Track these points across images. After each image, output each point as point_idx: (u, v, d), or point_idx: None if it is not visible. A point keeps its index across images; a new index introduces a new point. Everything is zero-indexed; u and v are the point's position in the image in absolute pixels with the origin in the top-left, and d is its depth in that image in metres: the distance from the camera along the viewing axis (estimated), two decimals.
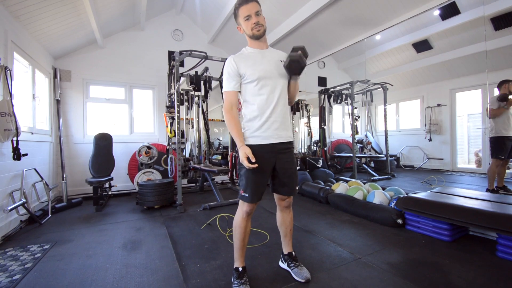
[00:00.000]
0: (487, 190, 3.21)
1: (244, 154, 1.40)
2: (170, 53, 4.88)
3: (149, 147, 4.23)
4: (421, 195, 2.49)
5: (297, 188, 1.66)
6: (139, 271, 1.76)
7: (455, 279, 1.62)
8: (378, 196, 2.96)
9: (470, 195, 2.50)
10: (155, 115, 4.99)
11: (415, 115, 6.43)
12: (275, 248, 2.10)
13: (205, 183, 4.63)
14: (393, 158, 5.95)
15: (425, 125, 5.97)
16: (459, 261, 1.84)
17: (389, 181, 5.05)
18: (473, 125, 5.65)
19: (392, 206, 2.74)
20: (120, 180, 4.45)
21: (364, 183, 3.73)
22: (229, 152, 4.77)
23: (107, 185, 3.98)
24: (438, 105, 6.01)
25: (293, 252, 1.75)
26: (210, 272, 1.72)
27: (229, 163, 4.67)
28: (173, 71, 3.85)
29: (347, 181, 3.93)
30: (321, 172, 4.57)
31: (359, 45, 4.54)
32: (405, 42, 5.51)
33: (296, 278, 1.63)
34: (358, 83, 5.41)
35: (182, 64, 3.99)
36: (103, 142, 4.01)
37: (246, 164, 1.38)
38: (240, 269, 1.58)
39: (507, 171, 3.45)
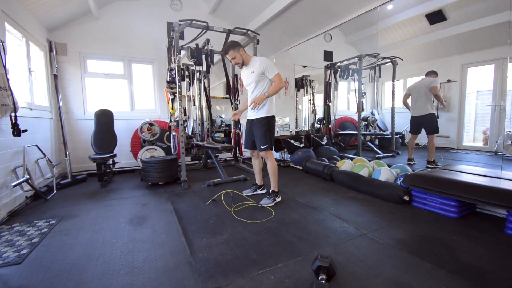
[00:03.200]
0: None
1: None
2: (169, 24, 4.64)
3: (151, 124, 4.16)
4: (428, 172, 2.44)
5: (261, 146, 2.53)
6: (146, 245, 1.77)
7: (463, 255, 1.61)
8: (384, 173, 2.92)
9: (478, 172, 2.45)
10: (155, 91, 4.86)
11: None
12: (280, 223, 2.10)
13: (208, 161, 4.62)
14: (398, 136, 5.86)
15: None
16: (467, 237, 1.83)
17: (393, 158, 5.00)
18: (481, 102, 5.46)
19: (399, 183, 2.70)
20: (123, 157, 4.44)
21: (370, 161, 3.69)
22: (232, 130, 4.70)
23: (110, 161, 3.97)
24: (448, 81, 5.77)
25: (271, 190, 2.66)
26: (216, 247, 1.73)
27: (233, 141, 4.63)
28: (173, 44, 3.67)
29: (352, 159, 3.88)
30: (326, 150, 4.52)
31: (369, 15, 4.25)
32: (418, 12, 5.19)
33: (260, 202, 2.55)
34: (367, 57, 5.16)
35: (182, 36, 3.79)
36: (104, 119, 3.94)
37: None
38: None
39: None
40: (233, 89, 4.46)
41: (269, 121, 2.53)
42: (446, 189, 2.14)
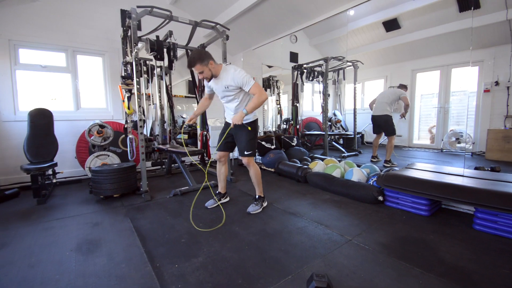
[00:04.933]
0: None
1: None
2: (124, 13, 4.11)
3: (102, 126, 3.61)
4: (400, 172, 2.50)
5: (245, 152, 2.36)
6: (101, 281, 1.41)
7: (445, 255, 1.62)
8: (356, 174, 2.95)
9: (443, 171, 2.59)
10: (107, 88, 4.26)
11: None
12: (262, 235, 1.91)
13: (172, 165, 4.21)
14: (359, 135, 6.16)
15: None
16: (443, 236, 1.88)
17: (356, 157, 5.22)
18: (424, 104, 6.01)
19: (371, 183, 2.74)
20: (66, 166, 3.79)
21: (339, 161, 3.73)
22: (199, 131, 4.36)
23: (50, 171, 3.33)
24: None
25: (257, 196, 2.52)
26: (192, 274, 1.46)
27: (200, 143, 4.30)
28: (129, 34, 3.22)
29: (322, 159, 3.89)
30: (296, 151, 4.48)
31: (332, 20, 4.34)
32: (377, 19, 5.49)
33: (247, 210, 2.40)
34: (332, 60, 5.29)
35: (139, 27, 3.34)
36: (41, 120, 3.29)
37: None
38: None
39: None
40: (199, 88, 4.14)
41: (254, 126, 2.37)
42: (418, 189, 2.19)
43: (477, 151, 4.69)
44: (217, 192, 2.69)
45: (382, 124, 4.16)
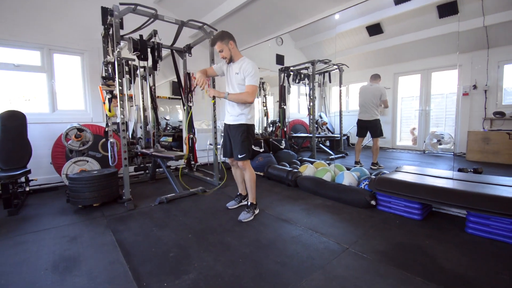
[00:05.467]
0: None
1: None
2: (105, 10, 3.89)
3: (80, 129, 3.36)
4: (392, 175, 2.50)
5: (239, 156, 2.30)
6: None
7: (443, 262, 1.61)
8: (347, 178, 2.93)
9: (432, 173, 2.63)
10: (86, 89, 4.00)
11: None
12: (256, 246, 1.82)
13: (157, 170, 4.02)
14: (345, 137, 6.23)
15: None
16: (438, 241, 1.87)
17: (343, 159, 5.27)
18: (405, 107, 6.19)
19: (363, 187, 2.73)
20: (41, 172, 3.50)
21: (329, 164, 3.72)
22: (186, 134, 4.20)
23: (22, 179, 3.06)
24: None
25: (249, 203, 2.44)
26: None
27: (186, 147, 4.13)
28: (111, 32, 3.02)
29: (311, 162, 3.86)
30: (285, 154, 4.43)
31: (318, 23, 4.35)
32: (360, 24, 5.58)
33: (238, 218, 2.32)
34: (318, 63, 5.31)
35: (121, 25, 3.15)
36: (13, 123, 3.01)
37: None
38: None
39: None
40: (185, 89, 3.98)
41: (248, 129, 2.32)
42: (412, 193, 2.19)
43: (457, 152, 4.86)
44: (237, 193, 2.70)
45: (370, 127, 4.21)
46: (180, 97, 4.18)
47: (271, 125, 6.93)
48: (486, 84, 4.52)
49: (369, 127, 4.24)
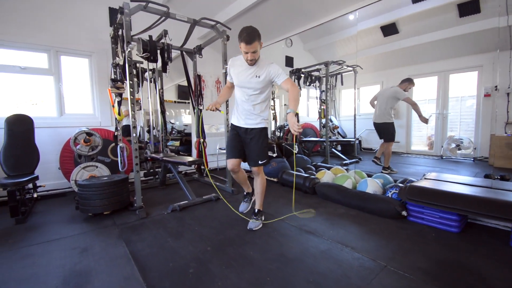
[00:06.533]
0: None
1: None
2: (112, 11, 3.81)
3: (89, 134, 3.25)
4: (423, 184, 2.33)
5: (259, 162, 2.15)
6: None
7: (494, 282, 1.43)
8: (372, 185, 2.76)
9: (466, 182, 2.44)
10: (94, 92, 3.90)
11: None
12: (282, 262, 1.66)
13: (167, 175, 3.89)
14: (357, 141, 6.05)
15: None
16: (483, 257, 1.69)
17: (357, 164, 5.08)
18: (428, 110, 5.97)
19: (390, 196, 2.55)
20: (49, 177, 3.39)
21: (346, 170, 3.55)
22: (195, 138, 4.08)
23: (30, 185, 2.94)
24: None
25: (257, 210, 2.30)
26: None
27: (196, 151, 4.00)
28: (119, 33, 2.92)
29: (328, 168, 3.69)
30: (299, 159, 4.27)
31: (327, 25, 4.21)
32: (375, 24, 5.43)
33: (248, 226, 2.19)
34: (332, 64, 5.16)
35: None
36: (20, 128, 2.92)
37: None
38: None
39: None
40: (195, 92, 3.86)
41: (266, 132, 2.21)
42: (449, 203, 2.01)
43: (478, 156, 4.65)
44: (244, 193, 2.53)
45: (381, 130, 4.15)
46: (186, 100, 4.07)
47: (279, 130, 6.77)
48: (508, 86, 4.32)
49: (380, 130, 4.16)
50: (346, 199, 2.67)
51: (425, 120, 4.16)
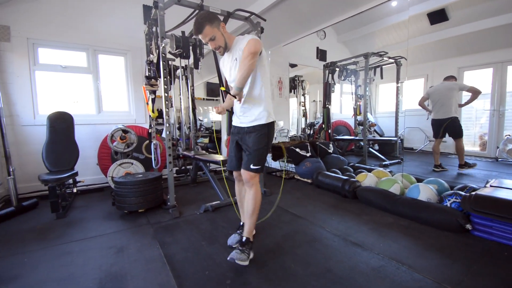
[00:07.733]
0: None
1: None
2: (146, 8, 3.81)
3: (125, 131, 3.30)
4: (493, 193, 1.98)
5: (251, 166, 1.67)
6: None
7: None
8: (425, 192, 2.43)
9: None
10: (129, 89, 3.97)
11: (418, 95, 5.99)
12: (330, 279, 1.47)
13: (198, 173, 3.85)
14: (400, 141, 5.56)
15: (427, 105, 5.65)
16: None
17: (399, 165, 4.65)
18: (469, 106, 5.36)
19: (449, 205, 2.22)
20: (88, 172, 3.52)
21: (390, 172, 3.22)
22: (226, 136, 4.00)
23: (70, 181, 3.05)
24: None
25: (245, 238, 1.69)
26: None
27: (227, 149, 3.92)
28: (153, 29, 2.88)
29: (369, 170, 3.39)
30: (334, 159, 3.99)
31: (364, 14, 3.82)
32: (420, 11, 4.90)
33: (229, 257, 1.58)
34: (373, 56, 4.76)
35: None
36: (61, 125, 3.03)
37: None
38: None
39: None
40: (227, 89, 3.75)
41: (269, 131, 1.71)
42: None
43: None
44: (240, 224, 1.95)
45: (447, 126, 3.75)
46: (215, 98, 3.97)
47: (309, 127, 6.48)
48: None
49: (446, 127, 3.77)
50: (395, 206, 2.38)
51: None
